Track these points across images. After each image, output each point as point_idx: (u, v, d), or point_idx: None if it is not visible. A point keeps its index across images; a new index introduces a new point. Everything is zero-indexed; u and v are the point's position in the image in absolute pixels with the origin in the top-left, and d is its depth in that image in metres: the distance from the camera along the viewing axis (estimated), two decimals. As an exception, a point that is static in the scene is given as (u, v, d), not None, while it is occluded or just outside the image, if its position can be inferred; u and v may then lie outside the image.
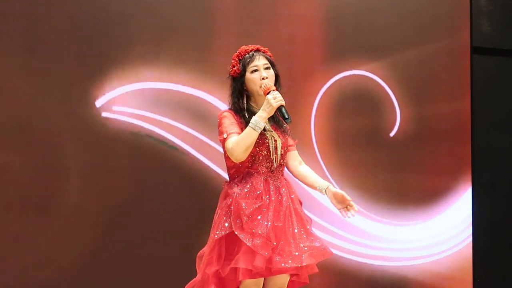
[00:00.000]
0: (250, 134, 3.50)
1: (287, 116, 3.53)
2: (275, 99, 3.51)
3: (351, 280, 5.64)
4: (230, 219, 3.50)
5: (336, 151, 5.68)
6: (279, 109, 3.54)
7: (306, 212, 3.72)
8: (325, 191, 3.67)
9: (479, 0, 6.11)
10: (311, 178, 3.74)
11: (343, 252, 5.64)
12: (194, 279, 3.64)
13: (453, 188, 5.92)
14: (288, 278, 3.65)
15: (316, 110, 5.65)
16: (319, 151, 5.62)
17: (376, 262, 5.72)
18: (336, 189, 3.65)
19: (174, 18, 5.35)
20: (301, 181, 3.78)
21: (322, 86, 5.68)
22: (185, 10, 5.37)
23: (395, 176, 5.80)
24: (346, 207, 3.63)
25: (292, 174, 3.81)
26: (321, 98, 5.66)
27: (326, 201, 5.58)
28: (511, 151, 6.19)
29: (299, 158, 3.81)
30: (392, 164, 5.80)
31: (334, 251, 5.51)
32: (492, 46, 6.16)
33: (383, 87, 5.81)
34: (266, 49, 3.73)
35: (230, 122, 3.60)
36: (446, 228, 5.88)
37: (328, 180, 5.58)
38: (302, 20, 5.65)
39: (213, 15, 5.43)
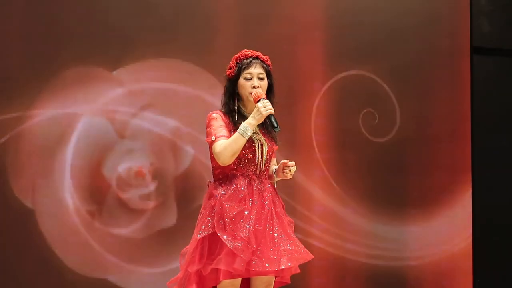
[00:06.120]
0: (238, 140, 3.57)
1: (276, 125, 3.59)
2: (265, 107, 3.59)
3: (351, 280, 5.64)
4: (213, 220, 3.57)
5: (336, 151, 5.68)
6: (268, 117, 3.61)
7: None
8: (274, 173, 3.80)
9: (479, 0, 6.11)
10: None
11: (343, 252, 5.63)
12: (176, 276, 3.72)
13: (453, 188, 5.91)
14: (273, 277, 3.70)
15: (316, 110, 5.65)
16: (319, 151, 5.62)
17: (376, 262, 5.71)
18: (276, 166, 3.77)
19: (174, 18, 5.35)
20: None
21: (322, 86, 5.68)
22: (185, 10, 5.37)
23: (395, 176, 5.79)
24: (289, 169, 3.71)
25: None
26: (321, 98, 5.66)
27: (326, 201, 5.58)
28: (511, 151, 6.19)
29: (274, 164, 3.90)
30: (392, 164, 5.80)
31: (334, 251, 5.54)
32: (492, 46, 6.16)
33: (383, 87, 5.81)
34: (266, 57, 3.78)
35: (218, 124, 3.66)
36: (446, 228, 5.87)
37: (328, 180, 5.61)
38: (302, 20, 5.64)
39: (214, 15, 5.43)
